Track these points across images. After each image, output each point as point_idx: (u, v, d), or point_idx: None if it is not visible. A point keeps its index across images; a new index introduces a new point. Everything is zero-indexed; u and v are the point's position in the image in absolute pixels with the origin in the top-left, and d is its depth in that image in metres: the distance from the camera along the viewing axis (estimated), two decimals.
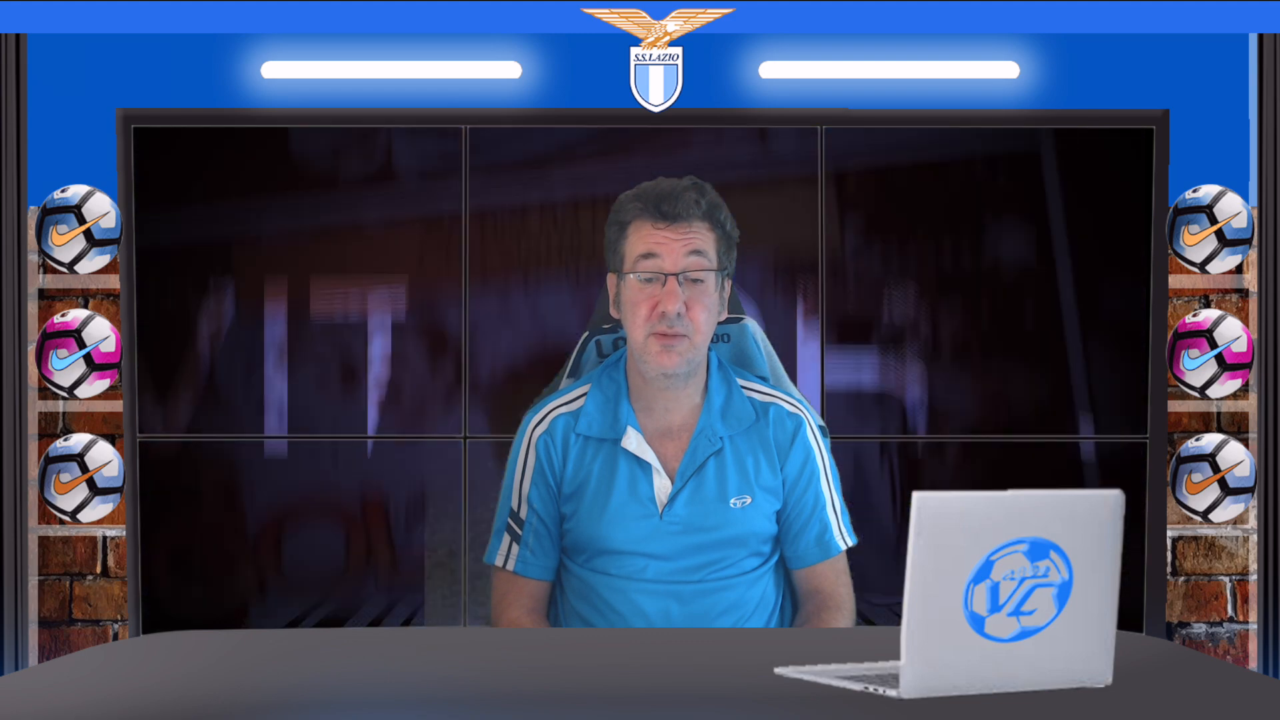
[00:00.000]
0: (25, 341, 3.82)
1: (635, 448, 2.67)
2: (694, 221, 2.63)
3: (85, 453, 3.80)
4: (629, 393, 2.71)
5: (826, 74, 3.84)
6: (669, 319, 2.60)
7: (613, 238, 2.68)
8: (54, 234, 3.77)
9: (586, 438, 2.70)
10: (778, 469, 2.70)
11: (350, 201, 3.83)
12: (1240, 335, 3.82)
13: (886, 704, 1.76)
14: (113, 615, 3.94)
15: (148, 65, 3.82)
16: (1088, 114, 3.82)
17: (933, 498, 1.76)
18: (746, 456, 2.69)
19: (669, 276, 2.61)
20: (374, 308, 3.83)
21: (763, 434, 2.70)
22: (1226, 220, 3.81)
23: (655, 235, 2.63)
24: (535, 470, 2.71)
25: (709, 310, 2.64)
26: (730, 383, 2.73)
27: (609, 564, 2.67)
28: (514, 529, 2.71)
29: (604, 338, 2.86)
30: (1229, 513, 3.84)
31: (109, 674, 2.03)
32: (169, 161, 3.81)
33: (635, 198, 2.66)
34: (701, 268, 2.62)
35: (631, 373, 2.72)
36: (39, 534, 3.91)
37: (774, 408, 2.72)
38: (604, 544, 2.67)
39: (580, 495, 2.69)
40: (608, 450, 2.69)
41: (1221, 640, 3.96)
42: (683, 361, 2.63)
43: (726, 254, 2.67)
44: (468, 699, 1.82)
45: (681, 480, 2.67)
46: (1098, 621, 1.85)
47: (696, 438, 2.68)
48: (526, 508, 2.71)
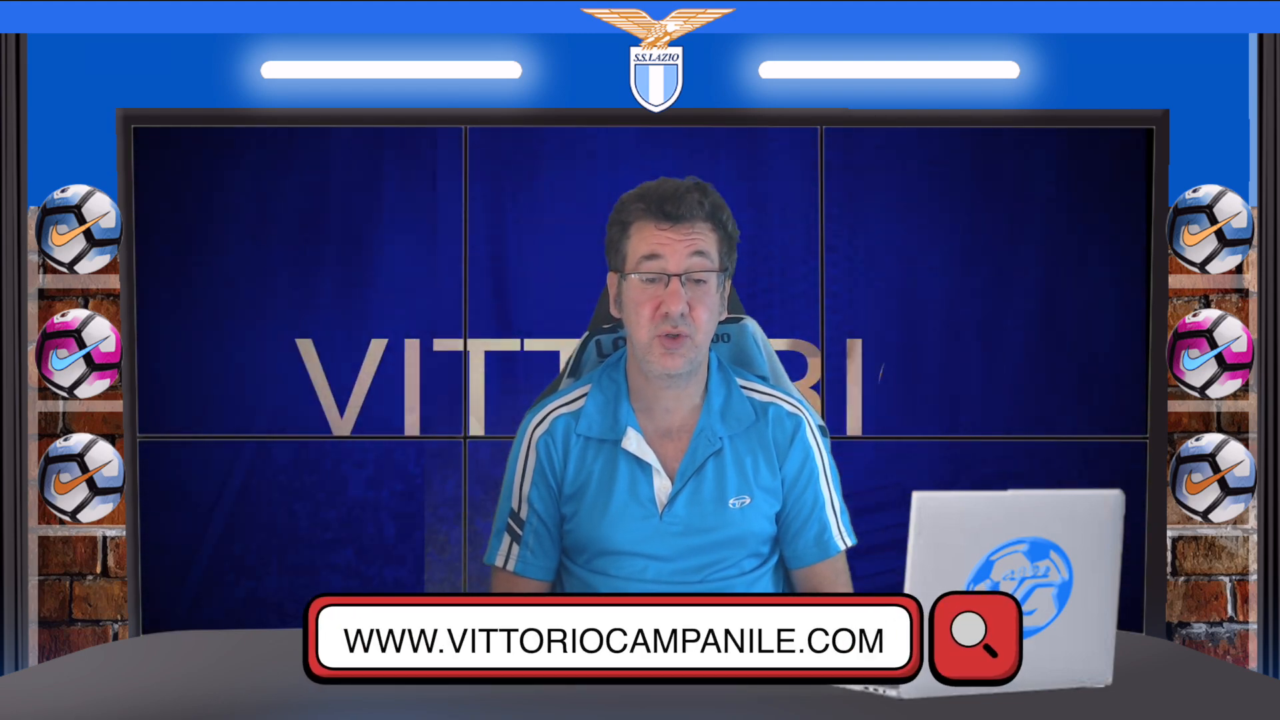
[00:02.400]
0: (25, 341, 3.82)
1: (635, 448, 2.67)
2: (697, 222, 2.63)
3: (85, 453, 3.81)
4: (629, 393, 2.71)
5: (826, 74, 3.84)
6: (672, 319, 2.60)
7: (614, 237, 2.68)
8: (54, 234, 3.77)
9: (587, 438, 2.70)
10: (776, 469, 2.70)
11: (350, 201, 3.82)
12: (1240, 335, 3.82)
13: (886, 704, 1.76)
14: (113, 615, 3.94)
15: (148, 65, 3.82)
16: (1088, 114, 3.82)
17: (933, 498, 1.77)
18: (745, 457, 2.69)
19: (672, 277, 2.61)
20: (374, 307, 3.83)
21: (762, 434, 2.70)
22: (1226, 220, 3.81)
23: (659, 236, 2.62)
24: (535, 471, 2.71)
25: (711, 310, 2.64)
26: (730, 383, 2.73)
27: (609, 565, 2.67)
28: (514, 529, 2.71)
29: (604, 338, 2.86)
30: (1229, 513, 3.84)
31: (109, 674, 2.03)
32: (169, 161, 3.81)
33: (638, 198, 2.66)
34: (704, 268, 2.62)
35: (632, 373, 2.72)
36: (39, 534, 3.91)
37: (773, 407, 2.72)
38: (604, 545, 2.67)
39: (581, 496, 2.69)
40: (608, 451, 2.69)
41: (1221, 640, 3.96)
42: (686, 362, 2.64)
43: (728, 254, 2.67)
44: (468, 699, 1.82)
45: (681, 481, 2.67)
46: (1098, 621, 1.85)
47: (696, 438, 2.68)
48: (527, 508, 2.71)
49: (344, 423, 3.83)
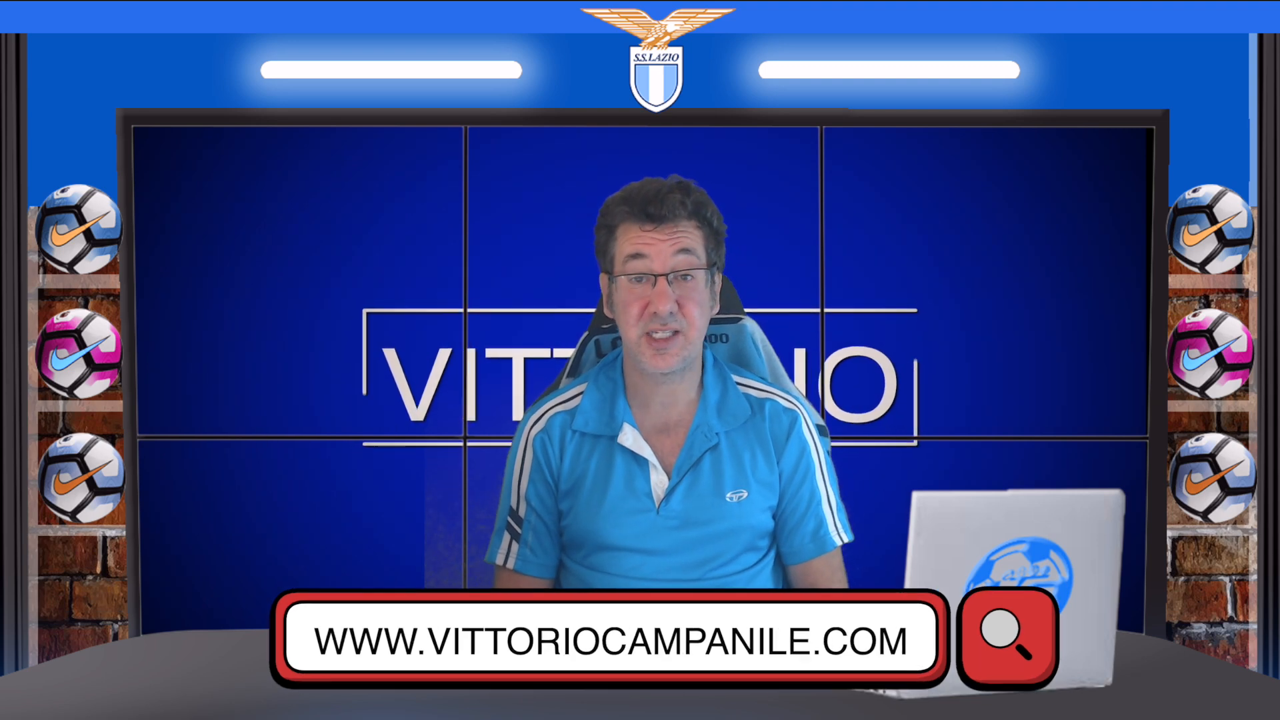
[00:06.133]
0: (25, 341, 3.82)
1: (632, 443, 2.68)
2: (680, 221, 2.65)
3: (85, 453, 3.81)
4: (625, 390, 2.72)
5: (826, 74, 3.84)
6: (661, 318, 2.62)
7: (602, 240, 2.70)
8: (54, 234, 3.77)
9: (583, 434, 2.71)
10: (774, 463, 2.71)
11: (350, 201, 3.82)
12: (1240, 335, 3.82)
13: (886, 704, 1.76)
14: (113, 615, 3.94)
15: (148, 65, 3.82)
16: (1088, 114, 3.82)
17: (933, 498, 1.76)
18: (743, 451, 2.70)
19: (659, 277, 2.63)
20: (374, 308, 3.83)
21: (759, 429, 2.71)
22: (1226, 220, 3.81)
23: (643, 237, 2.64)
24: (533, 468, 2.72)
25: (701, 305, 2.65)
26: (726, 379, 2.74)
27: (606, 561, 2.68)
28: (513, 528, 2.72)
29: (603, 337, 2.87)
30: (1229, 513, 3.84)
31: (109, 674, 2.03)
32: (169, 161, 3.81)
33: (622, 200, 2.68)
34: (690, 266, 2.64)
35: (628, 369, 2.73)
36: (39, 534, 3.91)
37: (770, 403, 2.73)
38: (601, 540, 2.68)
39: (577, 492, 2.70)
40: (604, 446, 2.70)
41: (1221, 640, 3.96)
42: (679, 360, 2.65)
43: (715, 250, 2.69)
44: (468, 699, 1.82)
45: (678, 475, 2.67)
46: (1098, 622, 1.85)
47: (693, 433, 2.69)
48: (525, 506, 2.72)
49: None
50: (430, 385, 3.83)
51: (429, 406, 3.83)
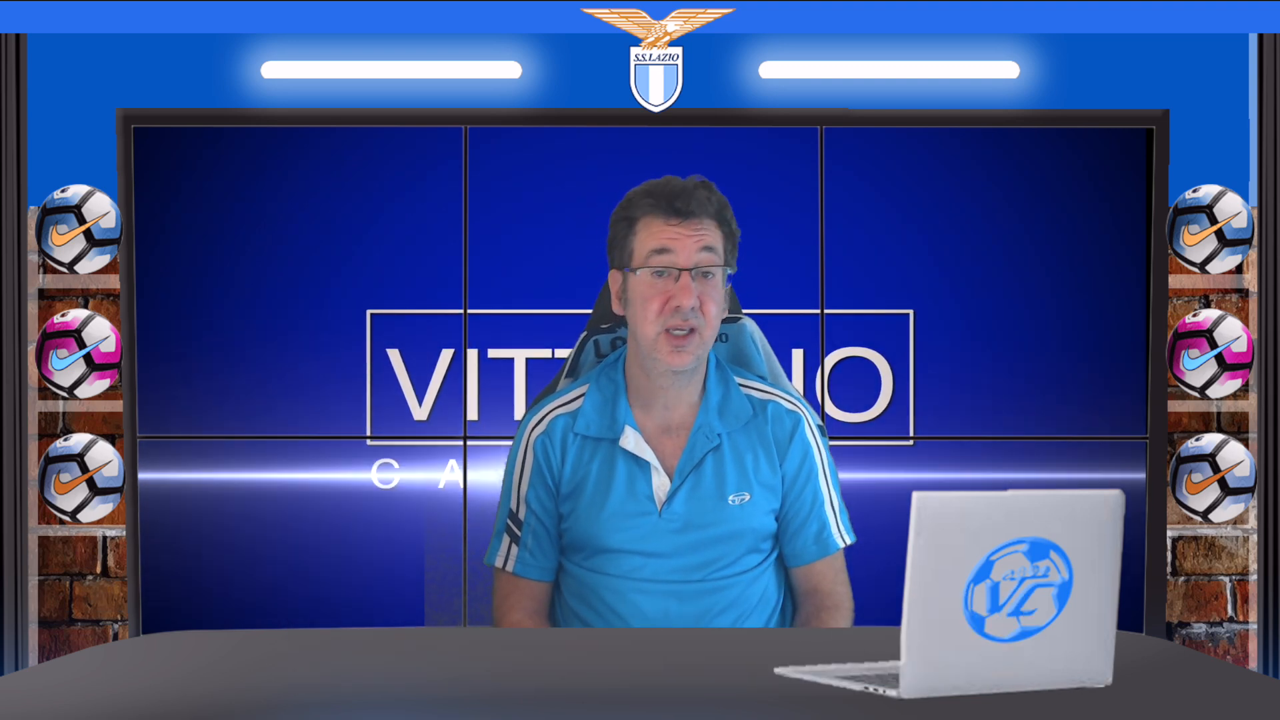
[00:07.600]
0: (25, 341, 3.82)
1: (633, 446, 2.68)
2: (705, 219, 2.65)
3: (85, 453, 3.81)
4: (627, 391, 2.72)
5: (826, 74, 3.84)
6: (683, 313, 2.61)
7: (620, 234, 2.68)
8: (54, 234, 3.77)
9: (585, 437, 2.71)
10: (776, 465, 2.70)
11: (350, 201, 3.82)
12: (1240, 335, 3.82)
13: (886, 704, 1.76)
14: (113, 615, 3.94)
15: (148, 65, 3.82)
16: (1088, 114, 3.82)
17: (933, 498, 1.76)
18: (745, 453, 2.69)
19: (682, 271, 2.62)
20: (374, 307, 3.83)
21: (761, 430, 2.71)
22: (1226, 220, 3.81)
23: (668, 231, 2.64)
24: (533, 471, 2.72)
25: (719, 305, 2.66)
26: (728, 380, 2.73)
27: (607, 563, 2.68)
28: (513, 530, 2.72)
29: (602, 338, 2.87)
30: (1229, 513, 3.84)
31: (109, 674, 2.03)
32: (169, 161, 3.81)
33: (646, 194, 2.67)
34: (712, 264, 2.64)
35: (631, 371, 2.72)
36: (39, 534, 3.91)
37: (772, 405, 2.73)
38: (602, 542, 2.67)
39: (578, 494, 2.69)
40: (606, 449, 2.70)
41: (1221, 640, 3.96)
42: (694, 358, 2.65)
43: (731, 251, 2.69)
44: (468, 699, 1.82)
45: (680, 478, 2.67)
46: (1098, 621, 1.85)
47: (694, 435, 2.68)
48: (525, 509, 2.72)
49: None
50: (433, 385, 3.84)
51: (432, 406, 3.84)
